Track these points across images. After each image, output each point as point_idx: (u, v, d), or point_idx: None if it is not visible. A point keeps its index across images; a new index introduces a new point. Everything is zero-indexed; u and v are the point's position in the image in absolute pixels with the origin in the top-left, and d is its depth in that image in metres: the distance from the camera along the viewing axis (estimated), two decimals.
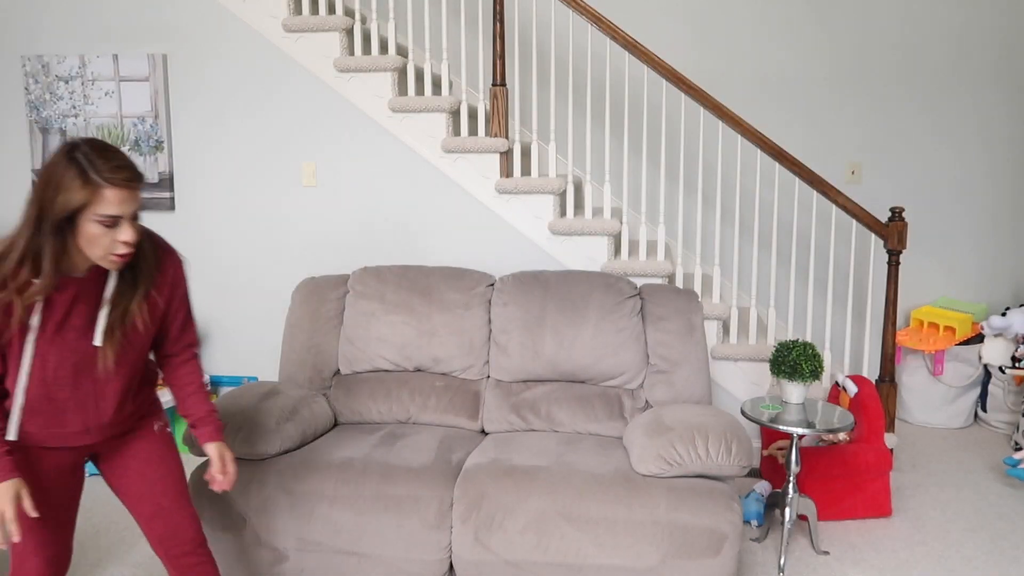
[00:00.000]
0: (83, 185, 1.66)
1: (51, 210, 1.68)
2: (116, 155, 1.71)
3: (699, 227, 3.60)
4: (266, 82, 3.74)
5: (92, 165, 1.67)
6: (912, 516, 3.20)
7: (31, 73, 3.94)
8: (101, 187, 1.67)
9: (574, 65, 4.45)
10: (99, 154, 1.69)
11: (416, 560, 2.43)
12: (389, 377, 3.02)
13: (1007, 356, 4.02)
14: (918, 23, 4.24)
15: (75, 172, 1.66)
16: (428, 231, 3.72)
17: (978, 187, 4.35)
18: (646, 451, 2.46)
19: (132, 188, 1.71)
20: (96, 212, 1.68)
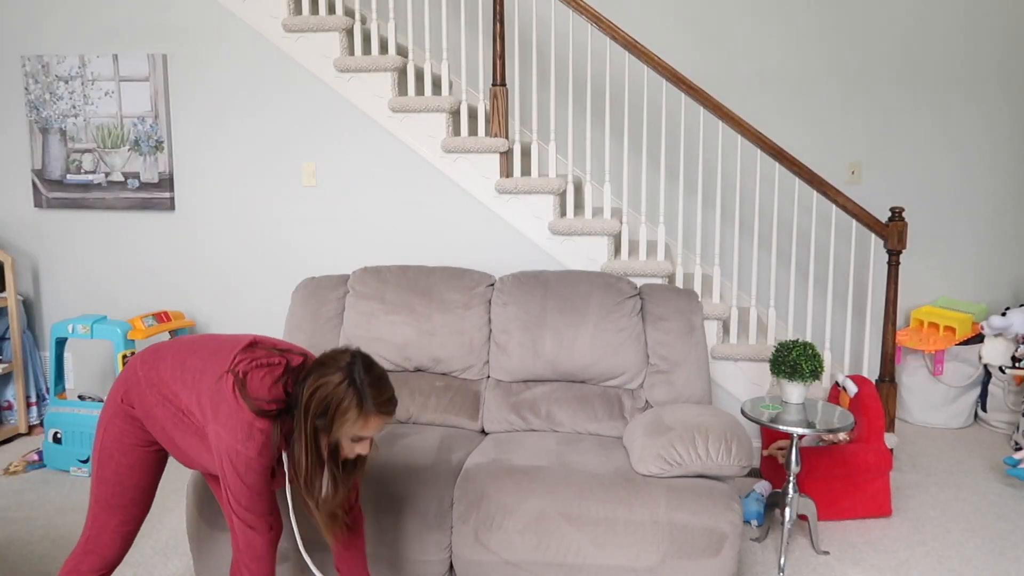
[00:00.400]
0: (358, 416, 1.79)
1: (329, 432, 1.80)
2: (387, 386, 1.84)
3: (699, 227, 3.60)
4: (266, 82, 3.74)
5: (369, 395, 1.80)
6: (912, 516, 3.20)
7: (31, 73, 3.94)
8: (371, 416, 1.80)
9: (574, 65, 4.46)
10: (375, 385, 1.81)
11: (416, 560, 2.43)
12: (389, 377, 3.02)
13: (1007, 356, 4.02)
14: (918, 23, 4.24)
15: (355, 401, 1.78)
16: (428, 231, 3.72)
17: (978, 187, 4.35)
18: (646, 451, 2.46)
19: (392, 417, 1.86)
20: (356, 434, 1.82)
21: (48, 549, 2.91)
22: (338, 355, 1.83)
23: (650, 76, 4.25)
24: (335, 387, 1.77)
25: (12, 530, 3.05)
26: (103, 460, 2.01)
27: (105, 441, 2.00)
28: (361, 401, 1.78)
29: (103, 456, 2.01)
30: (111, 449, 2.00)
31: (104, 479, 2.01)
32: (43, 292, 4.13)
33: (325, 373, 1.79)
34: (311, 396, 1.78)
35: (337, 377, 1.78)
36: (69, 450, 3.53)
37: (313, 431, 1.80)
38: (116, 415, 2.00)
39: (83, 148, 3.95)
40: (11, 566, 2.79)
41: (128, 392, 1.99)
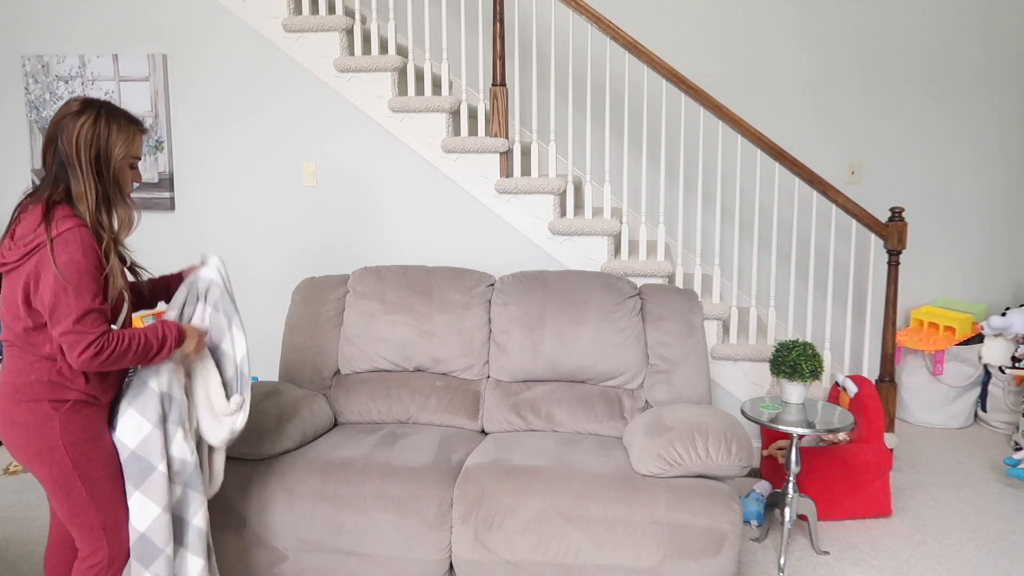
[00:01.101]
0: (127, 136, 1.94)
1: (110, 158, 1.92)
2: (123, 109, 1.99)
3: (699, 227, 3.60)
4: (266, 82, 3.74)
5: (123, 117, 1.95)
6: (912, 516, 3.20)
7: (31, 73, 3.94)
8: (136, 133, 1.96)
9: (574, 65, 4.45)
10: (117, 111, 1.95)
11: (416, 560, 2.43)
12: (389, 377, 3.02)
13: (1007, 356, 4.02)
14: (919, 23, 4.24)
15: (117, 126, 1.94)
16: (428, 231, 3.72)
17: (978, 187, 4.35)
18: (646, 451, 2.46)
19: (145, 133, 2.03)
20: (133, 156, 1.98)
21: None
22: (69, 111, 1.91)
23: (650, 76, 4.25)
24: (92, 126, 1.90)
25: (12, 530, 3.05)
26: (86, 470, 1.94)
27: (74, 455, 1.93)
28: (122, 125, 1.94)
29: (84, 467, 1.94)
30: (86, 452, 1.95)
31: (97, 485, 1.96)
32: None
33: (73, 126, 1.89)
34: (76, 147, 1.88)
35: (87, 119, 1.90)
36: None
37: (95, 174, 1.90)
38: (65, 423, 1.92)
39: None
40: (11, 566, 2.79)
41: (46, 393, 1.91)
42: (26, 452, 1.91)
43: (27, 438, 1.90)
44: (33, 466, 1.93)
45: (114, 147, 1.93)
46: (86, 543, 1.99)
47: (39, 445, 1.90)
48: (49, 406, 1.91)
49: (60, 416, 1.91)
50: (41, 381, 1.91)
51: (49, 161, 1.93)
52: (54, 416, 1.91)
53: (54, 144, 1.91)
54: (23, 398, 1.90)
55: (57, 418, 1.91)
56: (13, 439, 1.92)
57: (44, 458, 1.91)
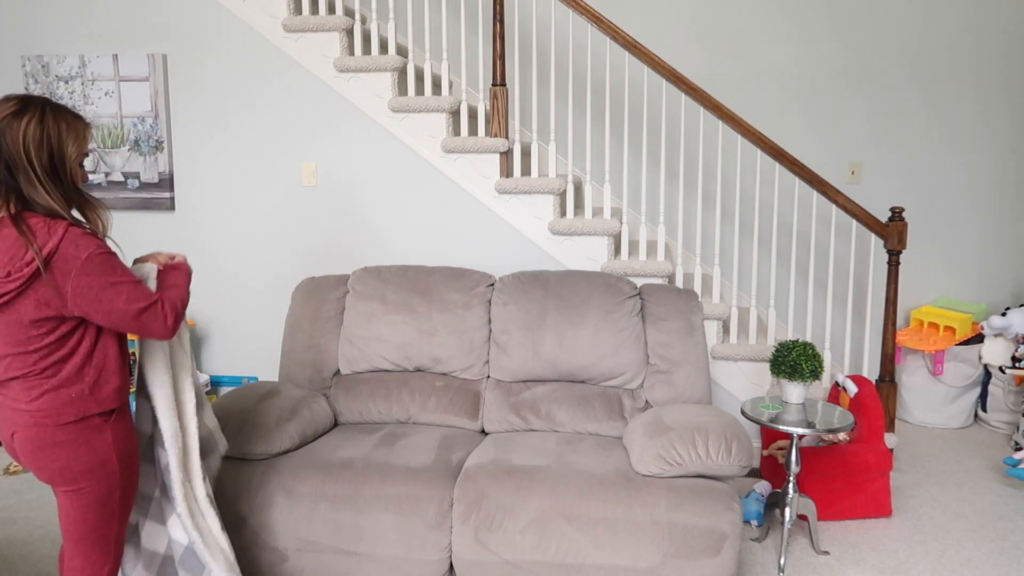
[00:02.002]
0: (78, 135, 1.82)
1: (64, 158, 1.80)
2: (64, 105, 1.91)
3: (699, 227, 3.60)
4: (266, 82, 3.74)
5: (70, 112, 1.84)
6: (912, 516, 3.20)
7: (31, 73, 3.94)
8: (84, 128, 1.84)
9: (574, 65, 4.46)
10: (60, 108, 1.83)
11: (416, 560, 2.43)
12: (389, 377, 3.02)
13: (1007, 356, 4.02)
14: (919, 22, 4.24)
15: (70, 119, 1.82)
16: (428, 231, 3.72)
17: (978, 187, 4.35)
18: (646, 451, 2.46)
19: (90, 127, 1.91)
20: (83, 153, 1.86)
21: (48, 549, 2.91)
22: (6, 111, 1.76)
23: (650, 76, 4.25)
24: (39, 124, 1.76)
25: (12, 530, 3.05)
26: (128, 486, 1.92)
27: (123, 470, 1.90)
28: (70, 121, 1.82)
29: (127, 482, 1.92)
30: (131, 466, 1.93)
31: (129, 494, 1.94)
32: None
33: (17, 126, 1.74)
34: (25, 149, 1.74)
35: (31, 118, 1.76)
36: None
37: (51, 178, 1.78)
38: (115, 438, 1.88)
39: None
40: (11, 566, 2.79)
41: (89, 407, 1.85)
42: (72, 470, 1.83)
43: (75, 455, 1.83)
44: (80, 484, 1.85)
45: (67, 146, 1.80)
46: (96, 556, 1.92)
47: (90, 460, 1.84)
48: (99, 419, 1.85)
49: (111, 427, 1.87)
50: (82, 397, 1.83)
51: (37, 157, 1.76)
52: (104, 428, 1.86)
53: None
54: (67, 420, 1.82)
55: (108, 429, 1.87)
56: (56, 460, 1.82)
57: (95, 472, 1.85)
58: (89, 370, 1.85)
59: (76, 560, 1.92)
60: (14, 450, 1.87)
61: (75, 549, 1.91)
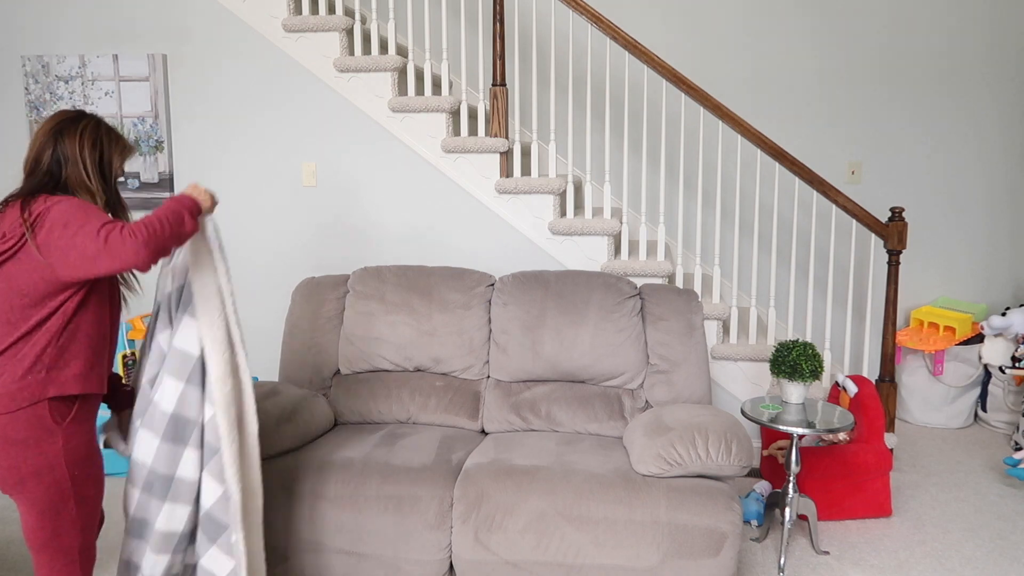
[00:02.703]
0: (128, 147, 2.02)
1: (111, 164, 1.97)
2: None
3: (699, 227, 3.60)
4: (266, 82, 3.74)
5: (117, 131, 2.02)
6: (912, 516, 3.20)
7: (31, 73, 3.94)
8: (129, 150, 2.02)
9: (574, 65, 4.46)
10: (102, 122, 2.01)
11: (416, 560, 2.43)
12: (389, 377, 3.02)
13: (1007, 356, 4.02)
14: (918, 23, 4.24)
15: (116, 134, 2.00)
16: (428, 231, 3.72)
17: (978, 187, 4.35)
18: (646, 451, 2.46)
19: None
20: (122, 170, 2.03)
21: None
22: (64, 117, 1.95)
23: (650, 76, 4.25)
24: (95, 130, 1.96)
25: (12, 530, 3.05)
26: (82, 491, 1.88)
27: (74, 473, 1.86)
28: (116, 136, 2.00)
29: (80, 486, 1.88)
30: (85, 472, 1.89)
31: (89, 504, 1.91)
32: None
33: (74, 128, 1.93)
34: (80, 148, 1.91)
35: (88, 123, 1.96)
36: None
37: (100, 177, 1.94)
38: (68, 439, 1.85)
39: None
40: (11, 566, 2.79)
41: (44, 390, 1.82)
42: (19, 473, 1.81)
43: (24, 455, 1.80)
44: (28, 488, 1.82)
45: (114, 154, 1.98)
46: (58, 568, 1.89)
47: (36, 464, 1.81)
48: (51, 418, 1.82)
49: (64, 431, 1.84)
50: (37, 379, 1.80)
51: (46, 163, 1.90)
52: (56, 431, 1.83)
53: (52, 147, 1.90)
54: (19, 406, 1.79)
55: (60, 434, 1.83)
56: (4, 459, 1.80)
57: (42, 478, 1.82)
58: (51, 349, 1.83)
59: (41, 570, 1.89)
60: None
61: (38, 558, 1.88)
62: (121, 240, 1.76)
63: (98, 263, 1.77)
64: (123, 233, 1.77)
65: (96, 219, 1.79)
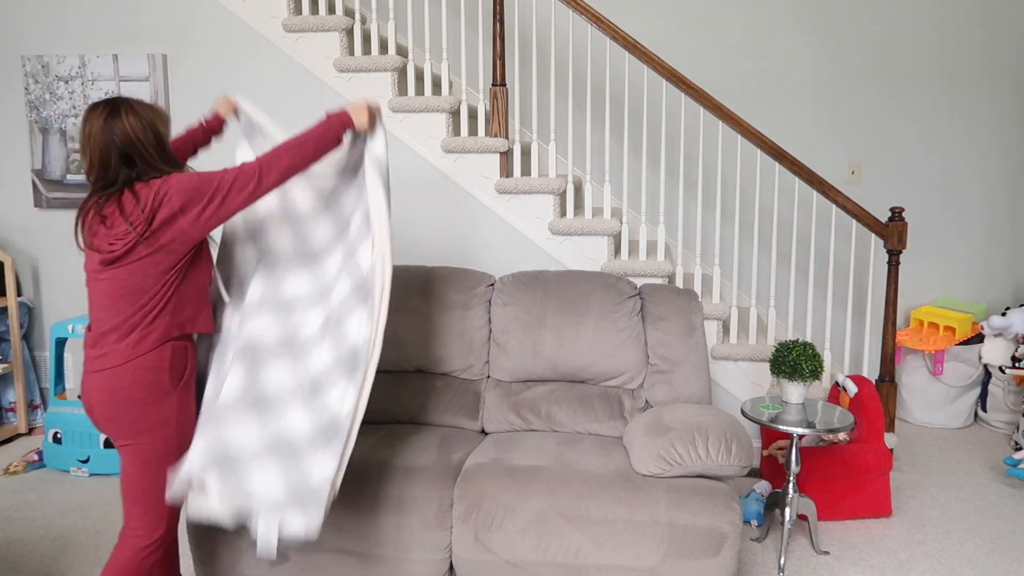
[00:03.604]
0: (162, 112, 2.11)
1: (161, 134, 2.07)
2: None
3: (699, 227, 3.60)
4: (266, 82, 3.74)
5: (146, 102, 2.09)
6: (912, 516, 3.20)
7: (31, 73, 3.94)
8: (164, 112, 2.12)
9: (574, 65, 4.46)
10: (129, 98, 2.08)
11: (416, 560, 2.43)
12: (389, 377, 3.02)
13: (1007, 356, 4.02)
14: (918, 23, 4.24)
15: (147, 104, 2.07)
16: (428, 231, 3.72)
17: (978, 187, 4.35)
18: (646, 451, 2.46)
19: None
20: (168, 130, 2.13)
21: (48, 549, 2.91)
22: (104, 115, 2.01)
23: (650, 76, 4.25)
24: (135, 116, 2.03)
25: (12, 530, 3.05)
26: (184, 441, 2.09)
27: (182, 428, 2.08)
28: (149, 106, 2.07)
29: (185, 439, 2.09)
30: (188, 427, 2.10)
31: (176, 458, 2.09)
32: (43, 292, 4.13)
33: (121, 123, 2.01)
34: (136, 138, 2.01)
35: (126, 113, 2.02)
36: (69, 450, 3.53)
37: (161, 153, 2.06)
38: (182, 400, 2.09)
39: None
40: (11, 566, 2.79)
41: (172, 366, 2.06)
42: (137, 425, 2.03)
43: (143, 412, 2.03)
44: (141, 438, 2.04)
45: (159, 126, 2.07)
46: (148, 521, 2.09)
47: (152, 420, 2.04)
48: (168, 382, 2.05)
49: (177, 393, 2.07)
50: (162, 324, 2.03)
51: (113, 163, 2.00)
52: (172, 393, 2.06)
53: (113, 147, 2.00)
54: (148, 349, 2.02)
55: (175, 395, 2.07)
56: (125, 414, 2.02)
57: (155, 432, 2.05)
58: (171, 302, 2.05)
59: (132, 521, 2.10)
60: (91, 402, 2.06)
61: (131, 510, 2.09)
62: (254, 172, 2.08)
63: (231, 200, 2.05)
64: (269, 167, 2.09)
65: (220, 176, 2.06)
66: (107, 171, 2.01)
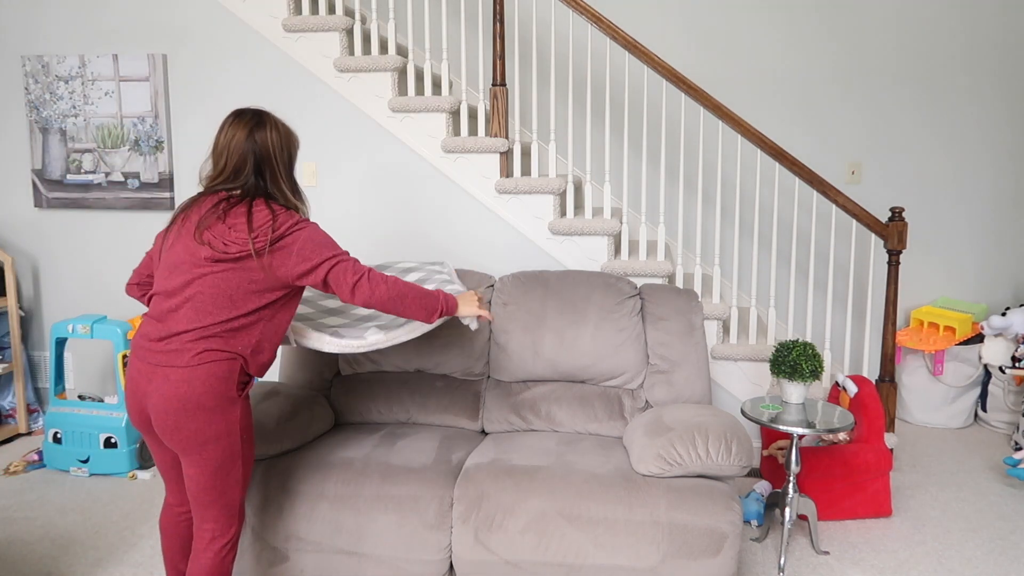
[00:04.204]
0: (297, 140, 2.23)
1: (293, 158, 2.19)
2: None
3: (699, 227, 3.60)
4: (266, 82, 3.74)
5: (285, 124, 2.21)
6: (912, 516, 3.20)
7: (31, 73, 3.94)
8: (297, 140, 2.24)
9: (574, 65, 4.46)
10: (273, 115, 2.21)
11: (416, 560, 2.43)
12: (389, 377, 3.02)
13: (1007, 356, 4.02)
14: (918, 23, 4.24)
15: (290, 129, 2.20)
16: (428, 231, 3.72)
17: (978, 187, 4.35)
18: (646, 451, 2.46)
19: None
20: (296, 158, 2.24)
21: (48, 549, 2.91)
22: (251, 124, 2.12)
23: (650, 76, 4.25)
24: (279, 132, 2.15)
25: (12, 530, 3.05)
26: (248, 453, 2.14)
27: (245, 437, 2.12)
28: (290, 131, 2.21)
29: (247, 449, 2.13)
30: (250, 436, 2.14)
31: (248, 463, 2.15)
32: (43, 292, 4.13)
33: (266, 136, 2.13)
34: (273, 151, 2.13)
35: (272, 126, 2.15)
36: (69, 450, 3.53)
37: (287, 170, 2.16)
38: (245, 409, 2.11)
39: (83, 148, 3.95)
40: (11, 566, 2.79)
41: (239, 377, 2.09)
42: (204, 434, 2.04)
43: (211, 421, 2.03)
44: (206, 449, 2.06)
45: (294, 149, 2.20)
46: (223, 521, 2.13)
47: (218, 430, 2.05)
48: (236, 390, 2.07)
49: (241, 401, 2.10)
50: (242, 355, 2.07)
51: (247, 171, 2.09)
52: (237, 401, 2.08)
53: (251, 156, 2.10)
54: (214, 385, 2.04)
55: (239, 403, 2.09)
56: (191, 423, 2.03)
57: (221, 440, 2.06)
58: (258, 335, 2.11)
59: (206, 524, 2.13)
60: (146, 411, 2.08)
61: (204, 514, 2.12)
62: (349, 272, 2.11)
63: (341, 292, 2.12)
64: (356, 269, 2.13)
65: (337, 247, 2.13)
66: (237, 177, 2.09)
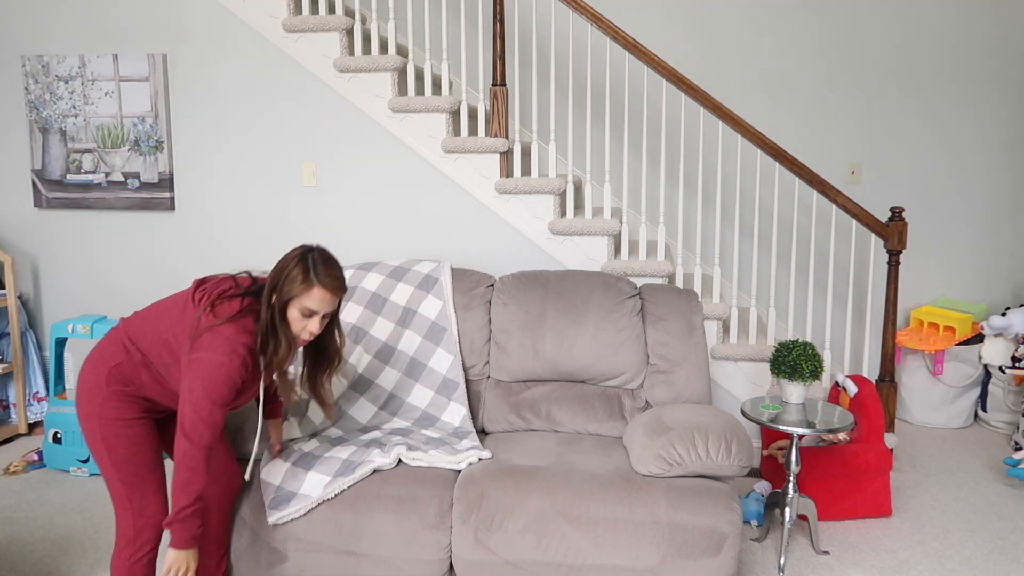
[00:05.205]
0: (303, 281, 2.08)
1: (282, 294, 2.08)
2: (336, 267, 2.15)
3: (699, 227, 3.60)
4: (266, 82, 3.74)
5: (317, 267, 2.09)
6: (912, 516, 3.20)
7: (31, 73, 3.94)
8: (314, 285, 2.08)
9: (574, 65, 4.45)
10: (324, 262, 2.12)
11: (416, 560, 2.43)
12: None
13: (1007, 356, 4.02)
14: (918, 24, 4.24)
15: (301, 268, 2.08)
16: (428, 231, 3.72)
17: (978, 187, 4.35)
18: (646, 451, 2.46)
19: (335, 294, 2.12)
20: (303, 304, 2.09)
21: (48, 549, 2.91)
22: (299, 248, 2.14)
23: (650, 76, 4.25)
24: (289, 260, 2.10)
25: (12, 530, 3.05)
26: (112, 443, 2.13)
27: (105, 427, 2.13)
28: (307, 269, 2.08)
29: (110, 439, 2.13)
30: (115, 430, 2.13)
31: (120, 459, 2.14)
32: (43, 292, 4.13)
33: (286, 256, 2.12)
34: (273, 273, 2.11)
35: (294, 254, 2.12)
36: (69, 450, 3.53)
37: (270, 299, 2.09)
38: (107, 399, 2.14)
39: (83, 148, 3.95)
40: (11, 566, 2.79)
41: (112, 372, 2.14)
42: (79, 406, 2.15)
43: (80, 388, 2.16)
44: (82, 423, 2.16)
45: (291, 286, 2.08)
46: (117, 512, 2.18)
47: (83, 402, 2.14)
48: (104, 379, 2.12)
49: (112, 396, 2.13)
50: (116, 362, 2.13)
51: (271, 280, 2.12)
52: (102, 387, 2.13)
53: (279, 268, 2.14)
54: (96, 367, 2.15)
55: (104, 391, 2.13)
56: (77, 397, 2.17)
57: (84, 421, 2.14)
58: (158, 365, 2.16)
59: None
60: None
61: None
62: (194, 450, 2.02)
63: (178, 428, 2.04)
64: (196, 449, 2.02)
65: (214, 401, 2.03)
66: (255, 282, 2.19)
